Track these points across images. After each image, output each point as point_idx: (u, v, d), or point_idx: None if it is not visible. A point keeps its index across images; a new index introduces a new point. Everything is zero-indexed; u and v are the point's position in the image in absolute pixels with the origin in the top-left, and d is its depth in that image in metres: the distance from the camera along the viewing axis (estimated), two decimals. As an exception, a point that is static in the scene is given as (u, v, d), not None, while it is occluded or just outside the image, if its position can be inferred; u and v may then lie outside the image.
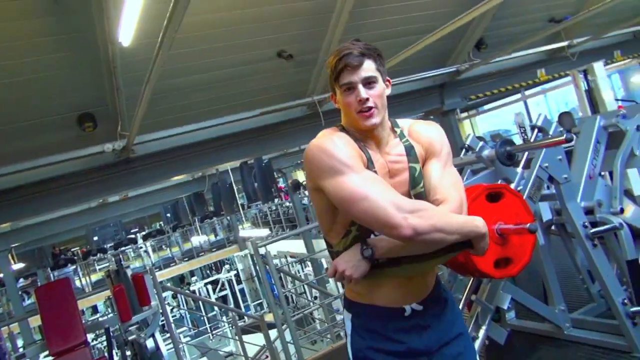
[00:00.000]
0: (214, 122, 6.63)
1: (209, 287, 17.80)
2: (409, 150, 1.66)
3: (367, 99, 1.56)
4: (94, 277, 16.35)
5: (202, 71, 6.01)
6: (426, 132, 1.70)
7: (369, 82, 1.57)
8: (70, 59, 4.94)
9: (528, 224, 2.35)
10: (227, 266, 18.28)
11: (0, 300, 13.70)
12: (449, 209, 1.52)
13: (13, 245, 14.22)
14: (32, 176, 5.78)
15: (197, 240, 17.55)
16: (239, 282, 17.35)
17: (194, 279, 18.80)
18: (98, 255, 16.97)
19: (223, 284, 17.70)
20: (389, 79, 1.67)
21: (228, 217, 17.15)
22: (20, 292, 12.81)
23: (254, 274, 16.70)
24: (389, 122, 1.68)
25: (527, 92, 11.63)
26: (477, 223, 1.53)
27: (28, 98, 5.19)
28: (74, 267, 16.17)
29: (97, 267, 17.31)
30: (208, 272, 19.78)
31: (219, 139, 6.88)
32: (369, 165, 1.59)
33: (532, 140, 3.28)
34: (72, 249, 21.84)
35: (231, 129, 6.88)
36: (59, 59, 4.89)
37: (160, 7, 3.69)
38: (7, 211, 6.11)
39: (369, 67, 1.58)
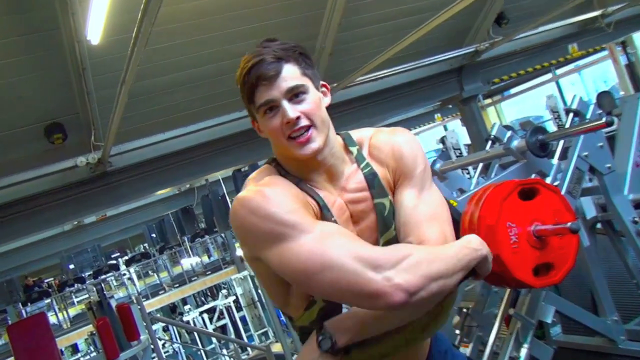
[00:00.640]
0: (201, 126, 6.65)
1: (205, 316, 17.76)
2: (372, 181, 1.40)
3: (298, 118, 1.32)
4: (72, 311, 16.38)
5: (185, 68, 6.04)
6: (390, 146, 1.44)
7: (295, 95, 1.33)
8: (32, 62, 4.98)
9: (569, 223, 2.36)
10: (224, 291, 18.24)
11: (-34, 344, 13.74)
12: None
13: (-22, 279, 14.30)
14: (-7, 199, 5.80)
15: (188, 262, 17.55)
16: (239, 308, 17.30)
17: (187, 307, 18.77)
18: (75, 285, 17.01)
19: (221, 312, 17.67)
20: (324, 83, 1.45)
21: (222, 235, 17.16)
22: (-12, 333, 12.85)
23: (256, 298, 16.67)
24: (339, 141, 1.44)
25: (559, 71, 11.63)
26: (474, 245, 1.30)
27: (-15, 109, 5.23)
28: (49, 300, 16.22)
29: (75, 300, 17.35)
30: (203, 299, 19.78)
31: (208, 144, 6.90)
32: (324, 212, 1.34)
33: (567, 126, 3.28)
34: (46, 280, 21.92)
35: (221, 132, 6.90)
36: (20, 63, 4.93)
37: (131, -2, 3.72)
38: (-31, 241, 6.15)
39: (291, 74, 1.33)
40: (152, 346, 5.41)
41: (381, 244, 1.36)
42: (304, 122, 1.32)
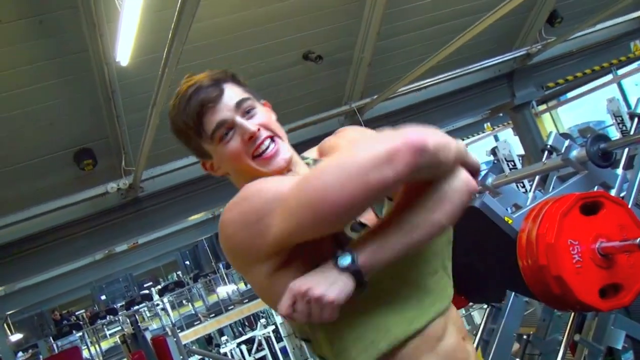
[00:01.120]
0: (235, 146, 6.74)
1: (243, 347, 17.82)
2: None
3: (258, 130, 1.30)
4: (105, 345, 16.67)
5: (215, 86, 6.15)
6: (332, 142, 1.48)
7: (246, 111, 1.32)
8: (61, 87, 5.17)
9: (638, 239, 2.32)
10: (262, 320, 18.27)
11: (-2, 381, 14.11)
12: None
13: (9, 313, 14.71)
14: (24, 229, 6.01)
15: (224, 291, 17.68)
16: (279, 339, 17.30)
17: (223, 338, 18.85)
18: (107, 317, 17.32)
19: (260, 343, 17.69)
20: (265, 101, 1.44)
21: (260, 260, 17.23)
22: (20, 369, 13.18)
23: (297, 327, 16.65)
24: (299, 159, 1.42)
25: (621, 71, 11.38)
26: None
27: (16, 137, 5.46)
28: (80, 333, 16.56)
29: (108, 332, 17.66)
30: (240, 329, 19.86)
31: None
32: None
33: (632, 132, 3.22)
34: (76, 313, 22.41)
35: (256, 152, 6.97)
36: (49, 88, 5.13)
37: (161, 16, 3.85)
38: (1, 272, 6.36)
39: (234, 92, 1.34)
40: (189, 381, 5.47)
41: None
42: (265, 133, 1.31)
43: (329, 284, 1.12)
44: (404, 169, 1.06)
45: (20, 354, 16.09)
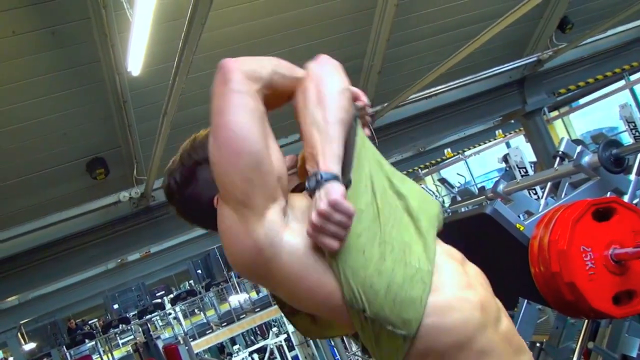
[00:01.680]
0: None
1: (255, 356, 17.81)
2: None
3: None
4: (117, 354, 16.74)
5: (226, 94, 6.19)
6: None
7: None
8: (73, 98, 5.23)
9: (651, 245, 2.31)
10: (274, 329, 18.27)
11: (12, 390, 14.20)
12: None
13: (23, 322, 14.79)
14: (37, 239, 6.06)
15: (236, 299, 17.70)
16: (290, 347, 17.26)
17: (235, 347, 18.87)
18: (120, 326, 17.38)
19: (272, 352, 17.67)
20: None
21: (271, 269, 17.25)
22: (33, 378, 13.26)
23: (309, 336, 16.63)
24: None
25: (633, 77, 11.32)
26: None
27: (30, 147, 5.51)
28: (93, 342, 16.62)
29: (120, 341, 17.72)
30: (252, 338, 19.86)
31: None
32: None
33: (644, 137, 3.20)
34: (89, 322, 22.50)
35: (267, 160, 6.99)
36: (62, 99, 5.19)
37: (172, 26, 3.88)
38: (13, 282, 6.41)
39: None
40: (201, 389, 5.47)
41: None
42: None
43: (326, 195, 1.20)
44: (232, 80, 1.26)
45: (34, 363, 16.19)
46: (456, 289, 1.29)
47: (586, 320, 2.91)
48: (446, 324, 1.24)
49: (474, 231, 3.11)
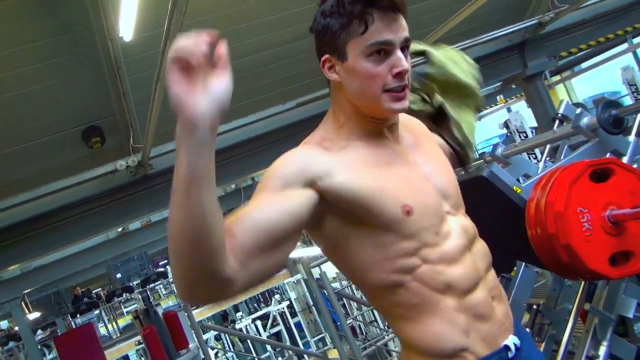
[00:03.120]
0: (244, 122, 6.72)
1: (259, 323, 18.00)
2: (423, 138, 1.58)
3: (407, 72, 1.31)
4: (122, 322, 16.95)
5: (224, 60, 6.11)
6: (425, 129, 1.65)
7: (403, 49, 1.32)
8: (65, 65, 5.16)
9: (649, 205, 2.27)
10: (277, 296, 18.45)
11: (18, 358, 14.39)
12: None
13: (26, 292, 14.92)
14: (35, 208, 6.02)
15: (239, 267, 17.79)
16: (293, 314, 17.44)
17: (239, 315, 19.09)
18: (124, 295, 17.55)
19: (275, 319, 17.86)
20: None
21: (273, 236, 17.31)
22: (39, 346, 13.41)
23: (311, 302, 16.76)
24: None
25: (636, 40, 11.16)
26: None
27: (23, 117, 5.46)
28: (97, 311, 16.81)
29: (124, 310, 17.92)
30: (255, 305, 20.05)
31: (251, 141, 6.96)
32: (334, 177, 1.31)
33: (645, 98, 3.15)
34: (94, 291, 22.73)
35: (264, 127, 6.95)
36: (53, 66, 5.12)
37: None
38: (12, 251, 6.41)
39: (406, 26, 1.33)
40: (202, 356, 5.51)
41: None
42: (406, 79, 1.32)
43: None
44: None
45: (39, 331, 16.38)
46: None
47: (583, 282, 2.90)
48: None
49: (471, 194, 3.08)
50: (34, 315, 16.16)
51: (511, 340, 1.43)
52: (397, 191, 1.33)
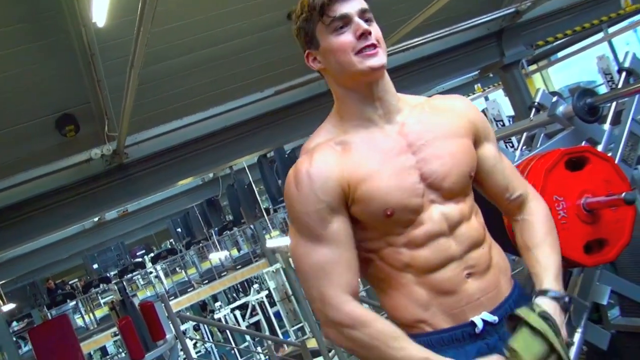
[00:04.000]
0: (219, 110, 6.67)
1: (237, 313, 18.01)
2: (441, 120, 1.59)
3: (370, 32, 1.47)
4: (99, 313, 16.80)
5: (198, 48, 6.05)
6: (465, 107, 1.65)
7: (366, 19, 1.49)
8: (37, 51, 5.06)
9: (623, 194, 2.29)
10: (256, 286, 18.46)
11: (-7, 350, 14.21)
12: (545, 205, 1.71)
13: (0, 283, 14.74)
14: (8, 198, 5.95)
15: (217, 257, 17.76)
16: (272, 303, 17.47)
17: (217, 304, 19.06)
18: (101, 286, 17.40)
19: (254, 308, 17.87)
20: None
21: (251, 226, 17.30)
22: (14, 338, 13.26)
23: (290, 292, 16.80)
24: (394, 87, 1.59)
25: (612, 29, 11.27)
26: None
27: (-8, 104, 5.34)
28: (74, 302, 16.65)
29: (102, 301, 17.77)
30: (234, 295, 20.05)
31: (229, 129, 6.92)
32: (360, 156, 1.51)
33: (620, 86, 3.17)
34: (70, 282, 22.50)
35: (241, 115, 6.90)
36: (24, 53, 5.01)
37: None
38: (-15, 242, 6.32)
39: (362, 3, 1.51)
40: (180, 346, 5.48)
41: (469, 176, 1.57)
42: (373, 39, 1.48)
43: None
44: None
45: (14, 323, 16.19)
46: None
47: (558, 270, 2.92)
48: None
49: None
50: (9, 307, 15.96)
51: (481, 317, 1.51)
52: (383, 195, 1.47)
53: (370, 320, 1.43)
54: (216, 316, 17.52)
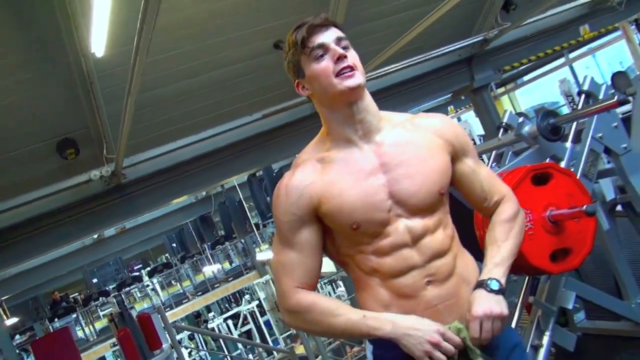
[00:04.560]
0: (210, 133, 6.68)
1: (230, 322, 17.86)
2: (411, 139, 1.67)
3: (345, 56, 1.58)
4: (99, 325, 16.58)
5: (190, 76, 6.05)
6: (443, 126, 1.72)
7: (343, 47, 1.60)
8: (40, 79, 5.03)
9: (584, 206, 2.32)
10: (247, 296, 18.32)
11: (-3, 362, 13.95)
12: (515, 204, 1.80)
13: (4, 298, 14.49)
14: (12, 218, 5.90)
15: (210, 270, 17.64)
16: (262, 313, 17.36)
17: (211, 315, 18.90)
18: (100, 299, 17.19)
19: (245, 317, 17.74)
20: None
21: (242, 240, 17.23)
22: (18, 351, 13.03)
23: (279, 301, 16.72)
24: (376, 107, 1.68)
25: (572, 55, 11.45)
26: (374, 324, 1.59)
27: (-1, 129, 5.30)
28: (75, 315, 16.42)
29: (101, 313, 17.55)
30: (227, 305, 19.88)
31: (220, 150, 6.93)
32: (337, 172, 1.62)
33: (579, 107, 3.21)
34: (72, 295, 22.19)
35: (231, 138, 6.91)
36: (28, 81, 4.98)
37: (131, 7, 3.73)
38: (-10, 259, 6.23)
39: (338, 32, 1.62)
40: (176, 355, 5.43)
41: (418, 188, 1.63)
42: (350, 62, 1.58)
43: (499, 304, 1.60)
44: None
45: (17, 336, 15.93)
46: None
47: (527, 277, 2.94)
48: None
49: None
50: (12, 321, 15.70)
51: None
52: (350, 210, 1.58)
53: (313, 303, 1.59)
54: (210, 326, 17.36)
